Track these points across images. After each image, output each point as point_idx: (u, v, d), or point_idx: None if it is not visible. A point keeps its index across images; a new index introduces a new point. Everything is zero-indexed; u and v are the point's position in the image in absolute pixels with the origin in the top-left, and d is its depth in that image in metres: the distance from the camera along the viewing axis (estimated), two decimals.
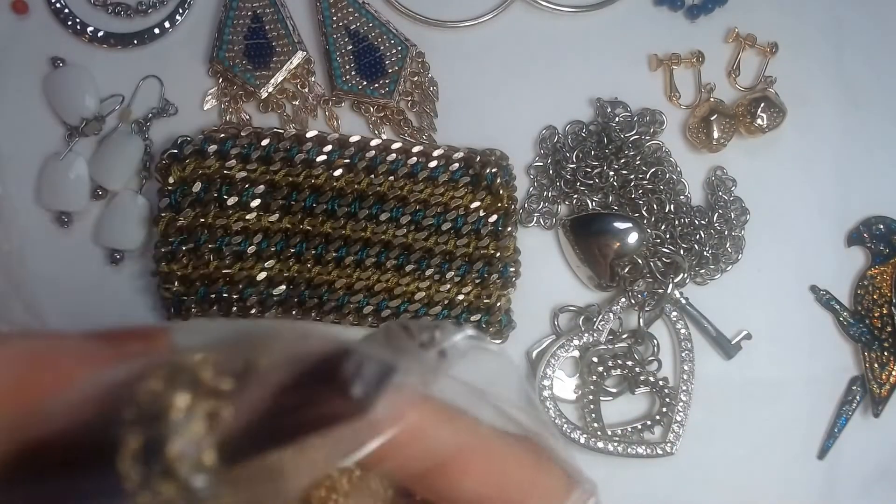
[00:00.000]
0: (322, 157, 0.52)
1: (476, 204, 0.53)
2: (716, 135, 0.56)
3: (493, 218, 0.53)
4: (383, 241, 0.52)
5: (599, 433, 0.54)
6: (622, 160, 0.56)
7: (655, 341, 0.55)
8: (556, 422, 0.53)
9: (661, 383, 0.54)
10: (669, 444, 0.54)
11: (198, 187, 0.51)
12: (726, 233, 0.56)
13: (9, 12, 0.54)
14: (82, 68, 0.54)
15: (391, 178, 0.52)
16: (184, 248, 0.51)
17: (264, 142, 0.52)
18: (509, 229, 0.53)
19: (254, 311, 0.52)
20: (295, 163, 0.52)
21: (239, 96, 0.55)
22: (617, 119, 0.56)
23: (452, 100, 0.56)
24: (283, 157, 0.52)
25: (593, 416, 0.54)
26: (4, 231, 0.53)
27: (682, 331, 0.55)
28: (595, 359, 0.55)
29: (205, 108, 0.55)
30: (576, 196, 0.56)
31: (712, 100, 0.57)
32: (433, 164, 0.53)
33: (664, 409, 0.54)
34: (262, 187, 0.51)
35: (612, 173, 0.55)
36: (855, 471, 0.57)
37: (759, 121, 0.56)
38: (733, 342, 0.56)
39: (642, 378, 0.54)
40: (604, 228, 0.55)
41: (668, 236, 0.55)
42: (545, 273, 0.56)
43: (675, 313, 0.55)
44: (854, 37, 0.60)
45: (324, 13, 0.55)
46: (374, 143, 0.53)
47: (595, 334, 0.55)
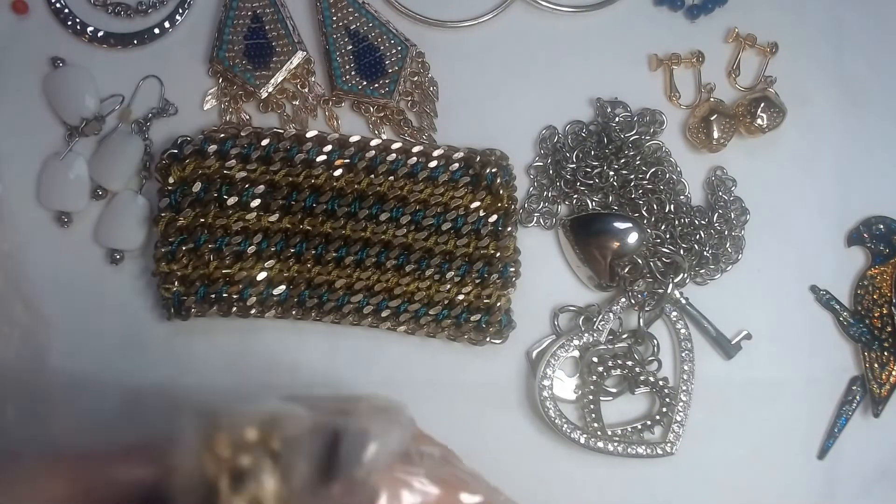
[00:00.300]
0: (322, 157, 0.52)
1: (476, 204, 0.53)
2: (716, 135, 0.56)
3: (493, 218, 0.53)
4: (383, 241, 0.52)
5: (599, 433, 0.54)
6: (622, 160, 0.56)
7: (655, 341, 0.55)
8: (557, 422, 0.53)
9: (661, 383, 0.54)
10: (669, 444, 0.54)
11: (198, 187, 0.51)
12: (726, 233, 0.56)
13: (9, 12, 0.54)
14: (82, 68, 0.54)
15: (391, 178, 0.52)
16: (184, 248, 0.51)
17: (264, 142, 0.52)
18: (509, 229, 0.53)
19: (254, 311, 0.52)
20: (295, 163, 0.52)
21: (239, 96, 0.55)
22: (617, 119, 0.56)
23: (452, 100, 0.56)
24: (283, 157, 0.52)
25: (593, 416, 0.54)
26: (4, 231, 0.53)
27: (682, 331, 0.55)
28: (595, 359, 0.55)
29: (205, 108, 0.55)
30: (576, 196, 0.56)
31: (712, 100, 0.58)
32: (433, 164, 0.53)
33: (664, 409, 0.54)
34: (262, 187, 0.51)
35: (612, 173, 0.55)
36: (855, 471, 0.57)
37: (759, 121, 0.56)
38: (733, 342, 0.56)
39: (642, 378, 0.54)
40: (604, 228, 0.55)
41: (668, 236, 0.55)
42: (545, 273, 0.56)
43: (675, 313, 0.55)
44: (854, 37, 0.60)
45: (324, 13, 0.55)
46: (374, 143, 0.53)
47: (595, 334, 0.55)
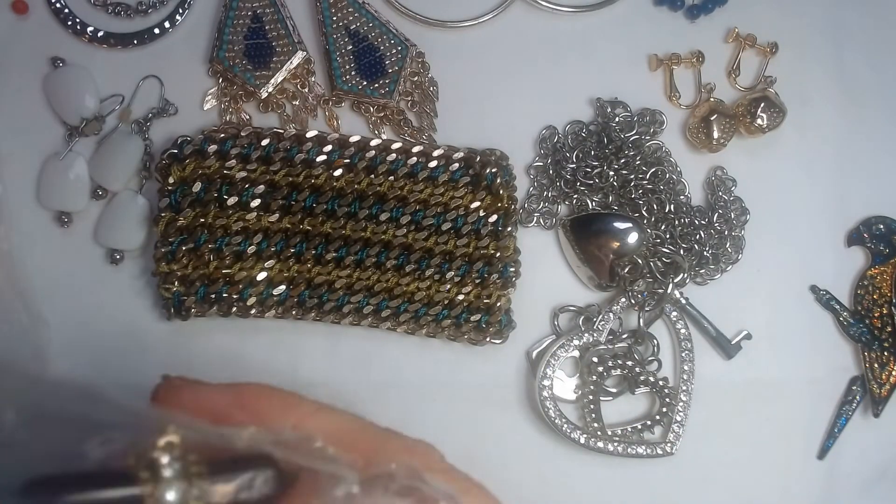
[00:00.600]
0: (322, 157, 0.52)
1: (476, 204, 0.53)
2: (716, 135, 0.56)
3: (493, 218, 0.53)
4: (383, 241, 0.52)
5: (599, 433, 0.54)
6: (622, 160, 0.56)
7: (655, 341, 0.55)
8: (557, 422, 0.53)
9: (661, 383, 0.54)
10: (669, 444, 0.54)
11: (198, 187, 0.51)
12: (726, 233, 0.56)
13: (9, 12, 0.54)
14: (82, 68, 0.54)
15: (391, 178, 0.52)
16: (184, 248, 0.51)
17: (264, 142, 0.52)
18: (509, 229, 0.53)
19: (254, 311, 0.52)
20: (295, 163, 0.52)
21: (239, 96, 0.55)
22: (617, 119, 0.56)
23: (452, 100, 0.56)
24: (283, 157, 0.52)
25: (593, 416, 0.54)
26: (4, 231, 0.53)
27: (682, 331, 0.55)
28: (595, 359, 0.55)
29: (205, 108, 0.55)
30: (576, 196, 0.56)
31: (712, 100, 0.57)
32: (433, 164, 0.53)
33: (664, 409, 0.54)
34: (262, 187, 0.51)
35: (612, 173, 0.55)
36: (855, 471, 0.57)
37: (759, 121, 0.56)
38: (733, 342, 0.56)
39: (642, 378, 0.54)
40: (604, 228, 0.55)
41: (668, 236, 0.55)
42: (545, 273, 0.56)
43: (675, 313, 0.55)
44: (854, 37, 0.60)
45: (324, 13, 0.55)
46: (374, 143, 0.53)
47: (595, 334, 0.55)
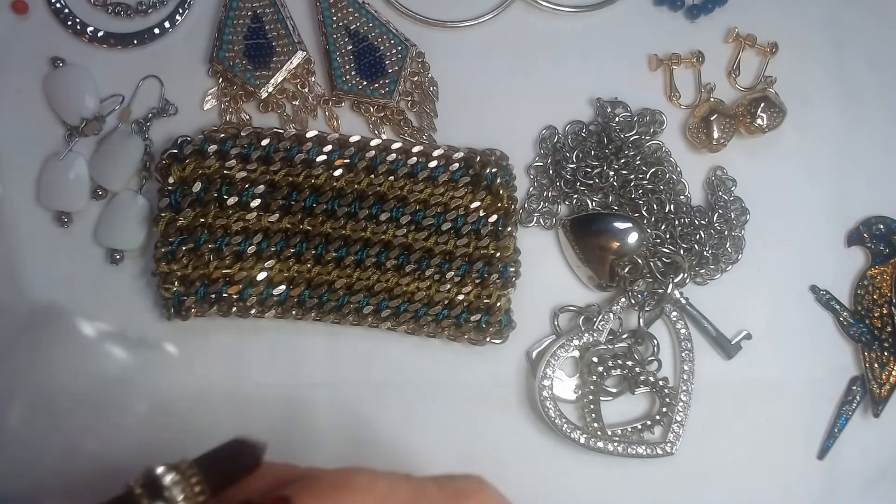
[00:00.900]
0: (322, 157, 0.52)
1: (476, 204, 0.53)
2: (716, 135, 0.56)
3: (493, 218, 0.53)
4: (383, 241, 0.52)
5: (599, 433, 0.54)
6: (622, 160, 0.56)
7: (655, 341, 0.55)
8: (557, 422, 0.53)
9: (661, 383, 0.54)
10: (669, 444, 0.54)
11: (198, 187, 0.51)
12: (726, 233, 0.56)
13: (9, 12, 0.54)
14: (82, 68, 0.54)
15: (391, 178, 0.52)
16: (184, 248, 0.51)
17: (264, 142, 0.52)
18: (509, 229, 0.53)
19: (254, 311, 0.52)
20: (295, 163, 0.52)
21: (239, 96, 0.55)
22: (617, 119, 0.56)
23: (452, 100, 0.56)
24: (283, 157, 0.52)
25: (593, 416, 0.54)
26: (4, 231, 0.53)
27: (682, 331, 0.55)
28: (595, 359, 0.55)
29: (205, 108, 0.55)
30: (576, 196, 0.56)
31: (712, 100, 0.58)
32: (433, 164, 0.53)
33: (664, 409, 0.54)
34: (261, 187, 0.51)
35: (612, 173, 0.55)
36: (855, 471, 0.57)
37: (759, 121, 0.56)
38: (733, 342, 0.56)
39: (642, 378, 0.54)
40: (604, 228, 0.55)
41: (668, 236, 0.55)
42: (545, 273, 0.56)
43: (675, 313, 0.55)
44: (854, 37, 0.60)
45: (324, 13, 0.55)
46: (374, 143, 0.53)
47: (595, 334, 0.55)
